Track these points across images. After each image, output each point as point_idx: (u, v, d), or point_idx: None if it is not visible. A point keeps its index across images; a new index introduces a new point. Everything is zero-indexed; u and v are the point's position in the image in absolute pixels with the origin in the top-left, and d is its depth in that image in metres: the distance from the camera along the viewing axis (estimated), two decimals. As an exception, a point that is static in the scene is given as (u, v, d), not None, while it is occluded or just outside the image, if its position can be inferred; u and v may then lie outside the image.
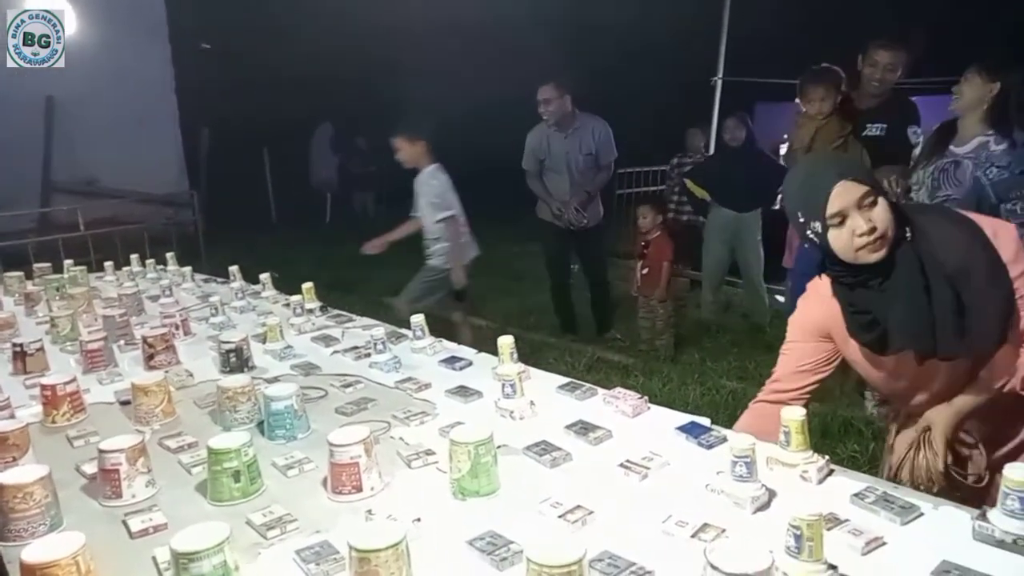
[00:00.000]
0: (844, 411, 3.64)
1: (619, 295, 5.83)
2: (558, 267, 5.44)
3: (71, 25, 4.01)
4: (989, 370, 1.81)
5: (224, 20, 11.10)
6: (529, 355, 4.78)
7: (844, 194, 1.68)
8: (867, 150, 3.80)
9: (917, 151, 3.52)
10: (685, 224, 6.63)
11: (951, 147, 3.27)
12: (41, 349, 2.71)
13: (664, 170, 8.09)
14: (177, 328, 3.05)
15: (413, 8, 11.95)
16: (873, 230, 1.68)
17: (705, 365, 4.68)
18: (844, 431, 3.47)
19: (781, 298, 5.72)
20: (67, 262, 4.23)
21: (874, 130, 3.83)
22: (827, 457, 1.72)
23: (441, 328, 3.14)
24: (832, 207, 1.69)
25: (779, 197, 5.57)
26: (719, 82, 8.39)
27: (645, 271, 5.00)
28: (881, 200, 1.70)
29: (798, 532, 1.27)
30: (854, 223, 1.69)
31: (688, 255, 6.49)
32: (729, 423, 3.50)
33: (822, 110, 3.81)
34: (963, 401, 1.86)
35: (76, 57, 5.63)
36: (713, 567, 1.14)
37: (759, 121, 7.53)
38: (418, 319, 2.82)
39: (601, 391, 2.23)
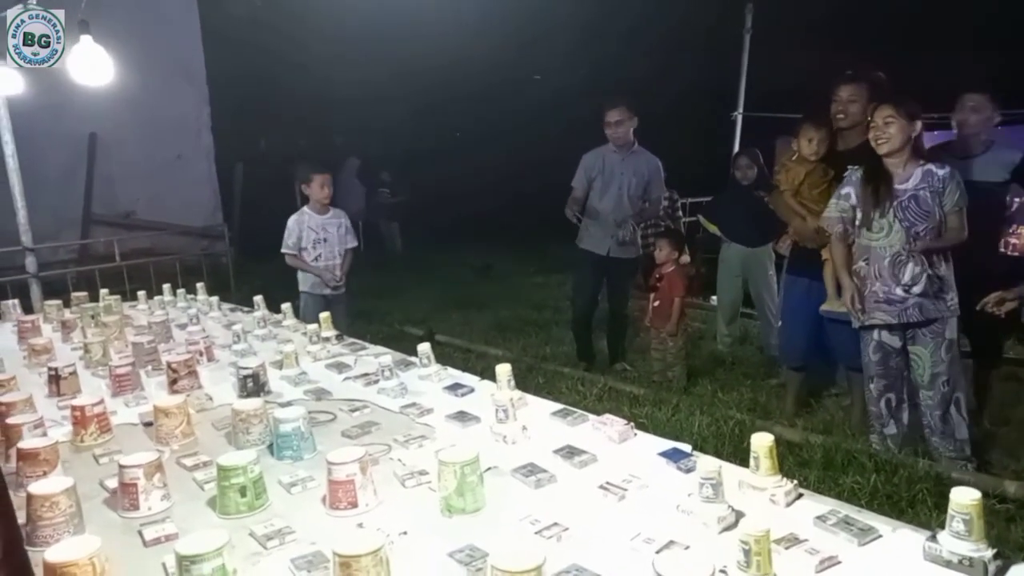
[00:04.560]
0: (847, 444, 3.67)
1: (638, 326, 5.92)
2: (587, 297, 5.49)
3: (112, 68, 4.23)
4: None
5: (258, 61, 11.57)
6: (543, 384, 4.91)
7: None
8: None
9: (848, 201, 3.61)
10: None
11: (897, 185, 3.43)
12: (74, 373, 2.90)
13: (685, 203, 8.20)
14: (201, 355, 3.23)
15: (446, 58, 12.36)
16: None
17: (716, 396, 4.73)
18: (847, 463, 3.49)
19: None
20: (103, 291, 4.47)
21: None
22: (795, 482, 1.81)
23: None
24: None
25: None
26: (739, 117, 8.54)
27: (657, 303, 5.08)
28: None
29: (747, 547, 1.37)
30: None
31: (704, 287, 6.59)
32: (733, 453, 3.62)
33: (818, 151, 3.92)
34: None
35: (117, 97, 5.97)
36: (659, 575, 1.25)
37: (779, 156, 7.63)
38: (424, 348, 2.96)
39: (591, 417, 2.34)
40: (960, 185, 3.40)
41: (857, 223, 3.55)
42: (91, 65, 4.01)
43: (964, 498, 1.46)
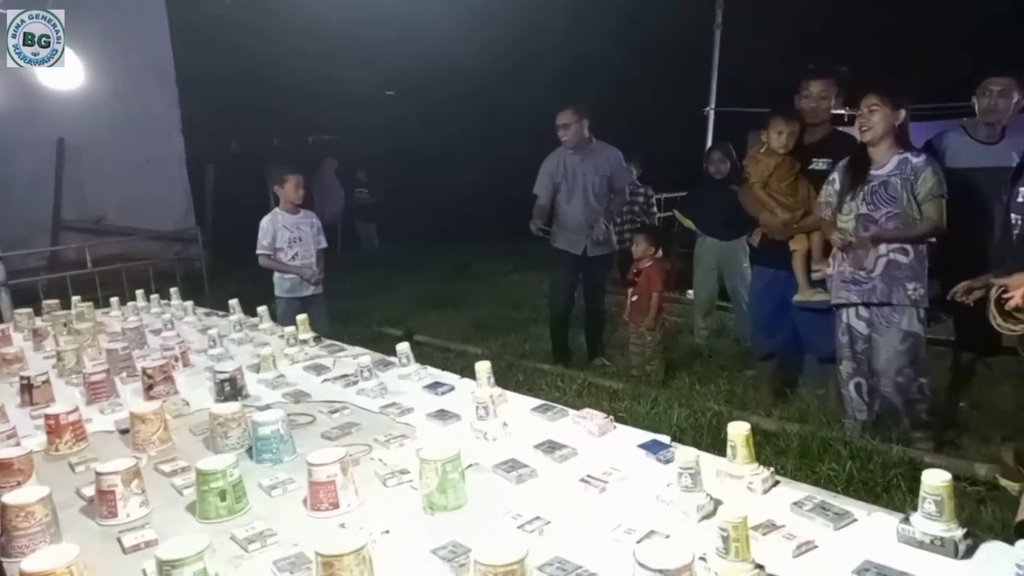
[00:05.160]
0: (823, 432, 3.73)
1: (615, 322, 5.95)
2: (565, 296, 5.51)
3: (81, 71, 4.17)
4: None
5: (228, 62, 11.44)
6: (522, 381, 4.93)
7: None
8: (814, 183, 3.99)
9: (833, 186, 3.68)
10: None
11: (872, 171, 3.53)
12: (47, 382, 2.85)
13: (660, 199, 8.27)
14: (177, 360, 3.19)
15: (416, 51, 12.32)
16: None
17: (694, 389, 4.78)
18: (823, 451, 3.55)
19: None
20: (75, 298, 4.39)
21: (820, 164, 4.01)
22: (772, 469, 1.84)
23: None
24: None
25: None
26: (711, 112, 8.61)
27: (635, 298, 5.12)
28: None
29: (725, 534, 1.39)
30: None
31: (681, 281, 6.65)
32: (712, 444, 3.66)
33: (787, 144, 3.97)
34: None
35: (86, 100, 5.89)
36: (640, 564, 1.26)
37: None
38: (403, 348, 2.96)
39: (571, 412, 2.35)
40: (937, 174, 3.44)
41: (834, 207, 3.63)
42: (60, 69, 3.95)
43: (935, 480, 1.50)
